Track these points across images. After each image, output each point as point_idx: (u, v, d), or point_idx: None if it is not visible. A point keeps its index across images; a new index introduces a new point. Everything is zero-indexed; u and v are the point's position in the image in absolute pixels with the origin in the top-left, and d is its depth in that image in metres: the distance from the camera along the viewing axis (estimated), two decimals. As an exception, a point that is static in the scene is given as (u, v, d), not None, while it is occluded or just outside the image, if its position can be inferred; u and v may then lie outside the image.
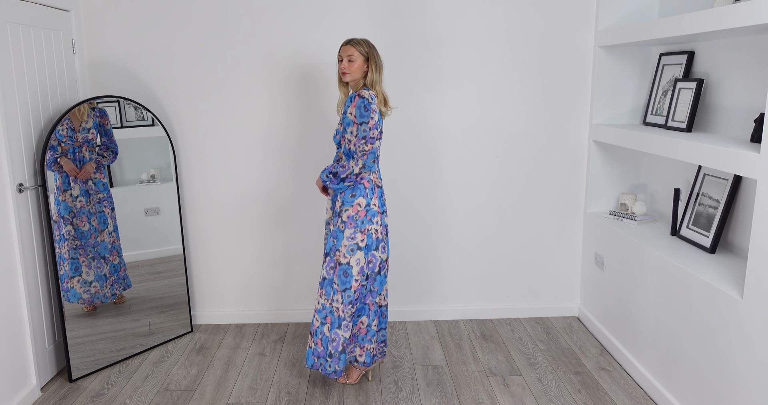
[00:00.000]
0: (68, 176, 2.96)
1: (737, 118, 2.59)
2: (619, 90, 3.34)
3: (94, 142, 3.04)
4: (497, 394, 2.81)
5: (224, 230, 3.53)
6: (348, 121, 2.57)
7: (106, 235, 3.12)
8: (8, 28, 2.63)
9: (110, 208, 3.13)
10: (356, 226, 2.63)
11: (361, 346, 2.82)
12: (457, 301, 3.67)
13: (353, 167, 2.57)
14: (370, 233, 2.67)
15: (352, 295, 2.67)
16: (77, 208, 2.99)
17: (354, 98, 2.56)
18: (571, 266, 3.67)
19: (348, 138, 2.59)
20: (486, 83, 3.41)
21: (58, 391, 2.87)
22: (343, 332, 2.69)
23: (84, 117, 2.98)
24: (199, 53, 3.33)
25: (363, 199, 2.63)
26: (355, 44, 2.62)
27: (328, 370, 2.74)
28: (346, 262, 2.65)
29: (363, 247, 2.65)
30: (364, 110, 2.53)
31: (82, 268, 3.01)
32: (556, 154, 3.51)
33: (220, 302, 3.63)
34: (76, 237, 2.98)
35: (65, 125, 2.90)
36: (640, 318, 2.88)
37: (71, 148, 2.94)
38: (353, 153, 2.58)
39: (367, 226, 2.65)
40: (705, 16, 2.30)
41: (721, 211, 2.58)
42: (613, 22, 3.27)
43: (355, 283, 2.67)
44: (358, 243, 2.64)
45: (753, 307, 2.07)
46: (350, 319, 2.70)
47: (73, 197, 2.97)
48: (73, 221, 2.97)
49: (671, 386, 2.61)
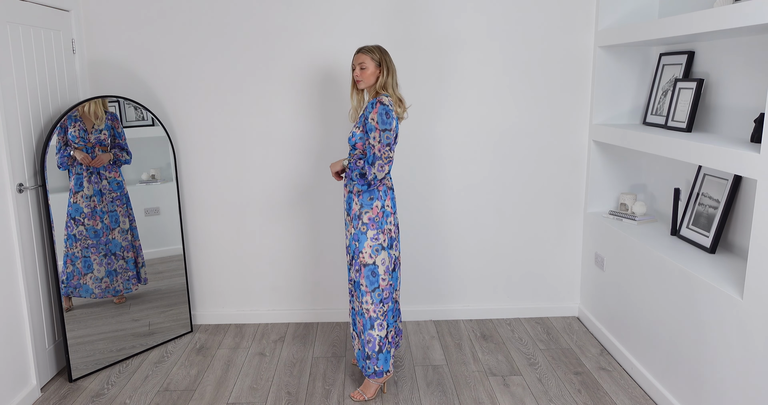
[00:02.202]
0: (81, 177, 3.00)
1: (737, 118, 2.59)
2: (619, 90, 3.34)
3: (106, 142, 3.07)
4: (497, 394, 2.81)
5: (224, 230, 3.53)
6: (371, 126, 2.59)
7: (117, 233, 3.16)
8: (8, 28, 2.63)
9: (124, 206, 3.18)
10: (378, 227, 2.68)
11: (396, 347, 2.85)
12: (457, 301, 3.67)
13: (377, 173, 2.60)
14: (387, 233, 2.72)
15: (382, 293, 2.71)
16: (91, 209, 3.03)
17: (375, 105, 2.58)
18: (571, 266, 3.67)
19: (372, 143, 2.60)
20: (486, 83, 3.41)
21: (58, 391, 2.87)
22: (378, 332, 2.72)
23: (97, 119, 3.01)
24: (199, 53, 3.33)
25: (379, 201, 2.69)
26: (367, 52, 2.65)
27: (368, 372, 2.75)
28: (372, 262, 2.69)
29: (386, 246, 2.72)
30: (386, 117, 2.55)
31: (94, 266, 3.06)
32: (556, 154, 3.51)
33: (220, 302, 3.63)
34: (87, 236, 3.03)
35: (77, 126, 2.93)
36: (640, 318, 2.88)
37: (84, 149, 2.98)
38: (378, 158, 2.59)
39: (384, 226, 2.71)
40: (705, 16, 2.30)
41: (721, 211, 2.58)
42: (613, 22, 3.27)
43: (383, 282, 2.71)
44: (381, 243, 2.69)
45: (753, 307, 2.07)
46: (383, 317, 2.72)
47: (86, 197, 3.01)
48: (84, 222, 3.01)
49: (671, 386, 2.61)
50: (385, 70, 2.65)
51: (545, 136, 3.49)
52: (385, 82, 2.65)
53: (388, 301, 2.74)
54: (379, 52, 2.66)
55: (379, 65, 2.65)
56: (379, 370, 2.73)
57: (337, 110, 3.40)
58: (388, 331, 2.75)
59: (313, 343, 3.37)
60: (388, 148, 2.57)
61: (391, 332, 2.79)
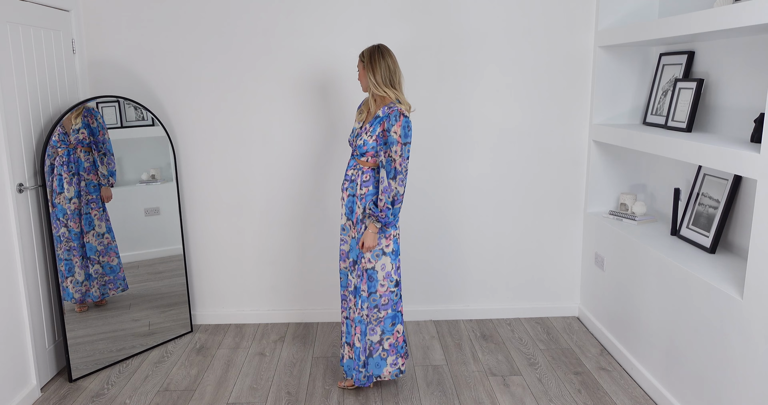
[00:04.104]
0: (62, 179, 2.96)
1: (737, 118, 2.59)
2: (619, 90, 3.34)
3: (86, 141, 3.03)
4: (497, 394, 2.81)
5: (224, 230, 3.53)
6: (393, 140, 2.53)
7: (92, 237, 3.09)
8: (8, 28, 2.63)
9: (99, 209, 3.11)
10: (381, 231, 2.63)
11: (402, 356, 2.81)
12: (457, 301, 3.67)
13: (399, 188, 2.55)
14: (396, 239, 2.68)
15: (378, 299, 2.68)
16: (71, 210, 2.99)
17: (399, 117, 2.52)
18: (571, 266, 3.67)
19: (393, 157, 2.55)
20: (486, 83, 3.41)
21: (58, 391, 2.87)
22: (370, 336, 2.71)
23: (74, 119, 2.98)
24: (199, 53, 3.33)
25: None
26: (360, 57, 2.64)
27: (360, 379, 2.73)
28: (371, 267, 2.66)
29: (389, 252, 2.67)
30: (408, 130, 2.53)
31: (75, 269, 3.02)
32: (556, 154, 3.51)
33: (220, 302, 3.63)
34: (69, 238, 2.99)
35: (57, 131, 2.89)
36: (640, 318, 2.88)
37: (66, 152, 2.94)
38: (399, 173, 2.54)
39: (392, 231, 2.66)
40: (705, 16, 2.30)
41: (721, 211, 2.58)
42: (613, 22, 3.27)
43: (381, 288, 2.68)
44: (383, 248, 2.66)
45: (753, 307, 2.07)
46: (376, 322, 2.70)
47: (67, 199, 2.97)
48: (67, 223, 2.98)
49: (671, 386, 2.61)
50: (370, 70, 2.59)
51: (545, 136, 3.49)
52: (372, 81, 2.58)
53: (387, 308, 2.71)
54: (368, 54, 2.60)
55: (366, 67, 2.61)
56: (369, 376, 2.73)
57: (337, 111, 3.40)
58: (383, 337, 2.73)
59: (313, 343, 3.37)
60: (408, 161, 2.56)
61: (388, 340, 2.75)
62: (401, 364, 2.80)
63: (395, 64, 2.61)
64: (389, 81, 2.59)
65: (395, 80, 2.60)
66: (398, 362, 2.79)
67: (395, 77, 2.60)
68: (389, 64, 2.59)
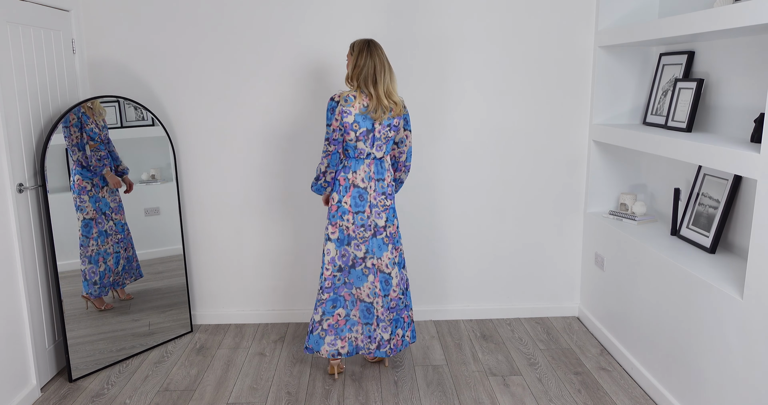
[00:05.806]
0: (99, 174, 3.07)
1: (737, 118, 2.59)
2: (619, 90, 3.34)
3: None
4: (497, 394, 2.81)
5: (224, 230, 3.53)
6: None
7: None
8: (8, 28, 2.63)
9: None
10: (328, 218, 2.83)
11: (341, 338, 2.88)
12: (457, 301, 3.67)
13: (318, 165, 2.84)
14: (342, 228, 2.80)
15: (322, 282, 2.83)
16: (116, 203, 3.09)
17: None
18: (571, 266, 3.67)
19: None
20: (486, 83, 3.41)
21: (58, 391, 2.87)
22: (313, 314, 2.87)
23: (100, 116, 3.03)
24: (199, 53, 3.33)
25: (336, 194, 2.80)
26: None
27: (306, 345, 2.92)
28: (322, 251, 2.84)
29: (334, 239, 2.82)
30: (327, 112, 2.75)
31: (120, 260, 3.15)
32: (556, 154, 3.51)
33: (220, 302, 3.63)
34: (117, 231, 3.09)
35: (92, 123, 2.95)
36: (640, 318, 2.88)
37: (101, 145, 3.00)
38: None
39: (337, 221, 2.79)
40: (705, 16, 2.30)
41: (721, 211, 2.58)
42: (613, 22, 3.27)
43: (326, 272, 2.84)
44: (329, 234, 2.82)
45: (753, 307, 2.07)
46: (318, 303, 2.85)
47: (111, 192, 3.07)
48: (113, 216, 3.07)
49: (671, 386, 2.61)
50: (349, 64, 2.76)
51: (545, 136, 3.49)
52: (347, 74, 2.75)
53: (330, 292, 2.83)
54: (350, 47, 2.76)
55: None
56: (309, 348, 2.88)
57: (337, 110, 3.40)
58: (323, 317, 2.85)
59: (313, 343, 3.37)
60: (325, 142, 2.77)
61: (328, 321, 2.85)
62: (340, 346, 2.87)
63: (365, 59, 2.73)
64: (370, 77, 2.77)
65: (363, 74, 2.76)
66: (337, 343, 2.87)
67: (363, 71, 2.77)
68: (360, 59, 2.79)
